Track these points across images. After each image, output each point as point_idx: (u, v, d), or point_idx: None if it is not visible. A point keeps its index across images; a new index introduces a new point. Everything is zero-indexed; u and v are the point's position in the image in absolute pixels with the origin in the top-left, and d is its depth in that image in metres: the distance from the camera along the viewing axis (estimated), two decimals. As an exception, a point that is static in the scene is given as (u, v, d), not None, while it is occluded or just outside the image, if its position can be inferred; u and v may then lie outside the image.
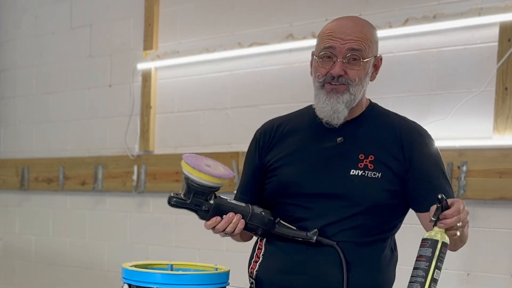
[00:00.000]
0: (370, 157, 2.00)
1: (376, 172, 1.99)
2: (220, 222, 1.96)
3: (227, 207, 1.97)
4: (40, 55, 5.08)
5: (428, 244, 1.77)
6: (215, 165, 1.92)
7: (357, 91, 2.01)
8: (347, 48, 1.97)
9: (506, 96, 3.03)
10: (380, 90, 3.39)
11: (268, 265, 2.09)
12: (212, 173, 1.88)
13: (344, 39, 1.97)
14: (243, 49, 3.91)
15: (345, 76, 1.99)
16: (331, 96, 2.00)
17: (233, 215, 1.97)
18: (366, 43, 1.98)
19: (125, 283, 1.95)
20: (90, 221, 4.72)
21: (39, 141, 5.08)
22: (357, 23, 2.01)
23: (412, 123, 2.11)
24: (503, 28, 3.04)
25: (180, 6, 4.28)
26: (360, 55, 1.98)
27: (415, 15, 3.28)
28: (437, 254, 1.76)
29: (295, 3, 3.75)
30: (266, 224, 2.01)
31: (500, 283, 3.04)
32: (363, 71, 2.00)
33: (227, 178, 1.91)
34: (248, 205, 2.00)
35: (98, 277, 4.66)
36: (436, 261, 1.76)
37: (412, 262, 1.80)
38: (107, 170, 4.56)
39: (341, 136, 2.05)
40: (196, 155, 1.95)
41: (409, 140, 2.03)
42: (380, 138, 2.04)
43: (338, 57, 1.98)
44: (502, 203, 3.04)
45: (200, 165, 1.88)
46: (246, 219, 1.98)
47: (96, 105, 4.72)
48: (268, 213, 2.02)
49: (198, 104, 4.17)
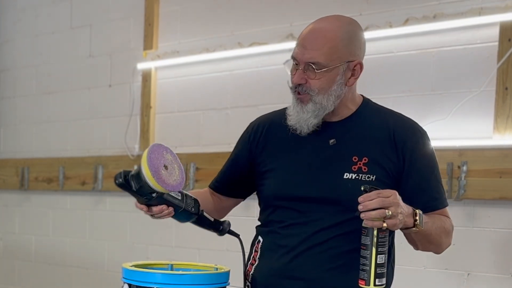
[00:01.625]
0: (364, 159, 1.99)
1: (370, 175, 1.97)
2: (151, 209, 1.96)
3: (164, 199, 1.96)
4: (40, 55, 5.08)
5: (366, 233, 1.81)
6: (172, 169, 1.91)
7: (323, 100, 1.98)
8: (305, 60, 1.97)
9: (506, 96, 3.03)
10: (380, 90, 3.39)
11: (263, 268, 2.09)
12: (162, 181, 1.87)
13: (306, 50, 1.97)
14: (243, 49, 3.91)
15: (306, 85, 1.99)
16: (298, 105, 2.01)
17: (166, 207, 1.96)
18: (328, 54, 1.95)
19: (125, 283, 1.95)
20: (90, 221, 4.72)
21: (39, 141, 5.08)
22: (324, 31, 1.98)
23: (407, 121, 2.08)
24: (503, 28, 3.04)
25: (180, 6, 4.28)
26: (318, 66, 1.96)
27: (415, 15, 3.28)
28: (375, 241, 1.79)
29: (295, 3, 3.75)
30: (192, 217, 2.04)
31: (500, 283, 3.04)
32: (325, 81, 1.97)
33: (172, 190, 1.91)
34: (183, 200, 2.00)
35: (98, 277, 4.66)
36: (376, 247, 1.79)
37: (410, 263, 1.81)
38: (107, 170, 4.56)
39: (333, 138, 2.03)
40: (163, 148, 1.92)
41: (403, 139, 2.01)
42: (374, 138, 2.02)
43: (299, 65, 1.99)
44: (502, 203, 3.04)
45: (157, 167, 1.87)
46: (177, 212, 2.00)
47: (96, 105, 4.72)
48: (197, 206, 2.03)
49: (198, 104, 4.17)
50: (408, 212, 1.84)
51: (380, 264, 1.81)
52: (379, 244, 1.80)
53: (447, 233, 2.04)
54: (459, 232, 3.14)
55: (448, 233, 2.04)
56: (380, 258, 1.81)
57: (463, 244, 3.13)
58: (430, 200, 2.02)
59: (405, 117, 2.10)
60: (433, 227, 1.95)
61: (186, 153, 4.15)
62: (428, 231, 1.93)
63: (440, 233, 1.99)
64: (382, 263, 1.81)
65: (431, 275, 3.20)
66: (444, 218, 2.05)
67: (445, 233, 2.02)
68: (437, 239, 2.00)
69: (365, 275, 1.82)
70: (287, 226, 2.05)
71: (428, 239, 1.97)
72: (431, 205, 2.02)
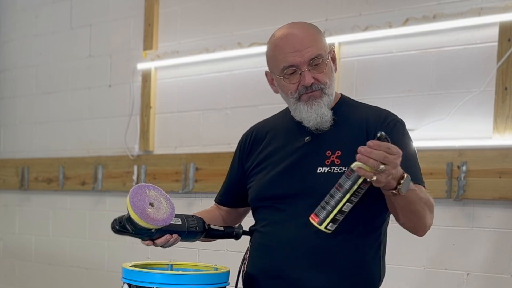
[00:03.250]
0: (337, 153, 2.01)
1: (342, 167, 1.97)
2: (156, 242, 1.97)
3: (165, 230, 1.97)
4: (40, 55, 5.08)
5: (350, 176, 1.76)
6: (158, 204, 1.92)
7: (332, 91, 2.05)
8: (307, 58, 1.99)
9: (506, 96, 3.03)
10: (380, 90, 3.39)
11: (250, 268, 2.12)
12: (151, 219, 1.88)
13: (301, 52, 1.99)
14: (243, 49, 3.91)
15: (316, 83, 2.01)
16: (312, 104, 2.02)
17: (170, 236, 1.97)
18: (319, 45, 2.01)
19: (125, 283, 1.95)
20: (90, 221, 4.72)
21: (39, 141, 5.08)
22: (302, 30, 2.03)
23: (382, 111, 2.08)
24: (503, 28, 3.04)
25: (180, 6, 4.28)
26: (321, 58, 2.00)
27: (415, 15, 3.28)
28: (354, 189, 1.75)
29: (295, 3, 3.75)
30: (199, 234, 2.06)
31: (500, 283, 3.04)
32: (329, 71, 2.03)
33: (165, 224, 1.91)
34: (184, 223, 2.01)
35: (98, 277, 4.66)
36: (351, 194, 1.76)
37: (410, 262, 1.80)
38: (107, 170, 4.56)
39: (309, 135, 2.06)
40: (144, 187, 1.93)
41: (374, 126, 2.01)
42: (347, 132, 2.03)
43: (302, 68, 2.00)
44: (502, 203, 3.04)
45: (143, 208, 1.88)
46: (182, 235, 2.01)
47: (96, 105, 4.72)
48: (201, 223, 2.05)
49: (198, 104, 4.17)
50: (397, 175, 1.78)
51: (343, 211, 1.78)
52: (355, 192, 1.76)
53: (430, 207, 1.96)
54: (459, 232, 3.15)
55: (431, 208, 1.96)
56: (347, 206, 1.77)
57: (462, 244, 3.13)
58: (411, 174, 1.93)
59: (382, 109, 2.11)
60: (418, 196, 1.89)
61: (186, 153, 4.15)
62: (412, 198, 1.87)
63: (424, 205, 1.92)
64: (345, 212, 1.78)
65: (431, 275, 3.21)
66: (428, 193, 1.98)
67: (429, 207, 1.95)
68: (420, 211, 1.92)
69: (323, 213, 1.78)
70: (267, 225, 2.10)
71: (410, 208, 1.90)
72: None
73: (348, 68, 3.50)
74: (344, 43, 3.51)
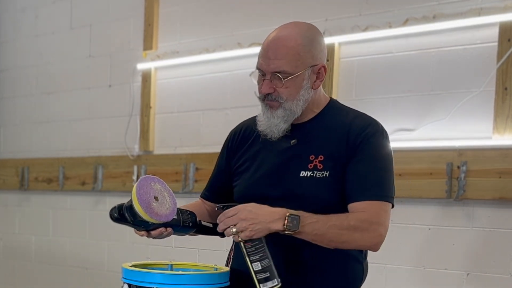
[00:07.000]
0: (320, 157, 2.02)
1: (324, 172, 2.00)
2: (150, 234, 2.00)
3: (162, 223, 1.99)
4: (40, 55, 5.08)
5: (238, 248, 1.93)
6: (162, 199, 1.94)
7: (292, 106, 2.04)
8: (271, 70, 2.02)
9: (506, 96, 3.03)
10: (380, 90, 3.39)
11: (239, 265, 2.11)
12: (155, 214, 1.90)
13: (269, 61, 2.02)
14: (243, 49, 3.91)
15: (274, 94, 2.03)
16: (267, 111, 2.06)
17: (164, 229, 2.00)
18: (291, 61, 1.99)
19: (125, 283, 1.95)
20: (90, 221, 4.72)
21: (39, 141, 5.08)
22: (286, 39, 2.01)
23: (366, 118, 2.08)
24: (503, 28, 3.04)
25: (180, 6, 4.28)
26: (284, 75, 2.00)
27: (415, 15, 3.28)
28: (245, 252, 1.90)
29: (294, 3, 3.75)
30: (191, 229, 2.08)
31: (500, 283, 3.04)
32: (293, 87, 2.02)
33: (167, 220, 1.94)
34: (179, 217, 2.03)
35: (98, 277, 4.66)
36: (248, 256, 1.90)
37: (410, 263, 1.80)
38: (107, 170, 4.56)
39: (295, 139, 2.08)
40: (150, 180, 1.95)
41: (356, 132, 2.02)
42: (332, 136, 2.04)
43: (266, 75, 2.04)
44: (502, 203, 3.04)
45: (148, 201, 1.90)
46: (176, 229, 2.04)
47: (96, 105, 4.72)
48: (194, 219, 2.07)
49: (198, 104, 4.17)
50: (272, 218, 1.88)
51: (259, 270, 1.88)
52: (249, 254, 1.89)
53: (354, 228, 1.92)
54: (459, 232, 3.15)
55: (356, 229, 1.93)
56: (256, 265, 1.89)
57: (462, 244, 3.13)
58: (359, 190, 1.97)
59: (367, 115, 2.11)
60: (324, 226, 1.90)
61: (186, 153, 4.15)
62: (318, 231, 1.90)
63: (339, 231, 1.91)
64: (260, 269, 1.88)
65: (431, 275, 3.21)
66: (353, 214, 1.96)
67: (349, 230, 1.92)
68: (337, 237, 1.92)
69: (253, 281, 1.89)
70: None
71: (321, 239, 1.92)
72: (354, 195, 1.97)
73: (348, 68, 3.50)
74: (344, 43, 3.51)
